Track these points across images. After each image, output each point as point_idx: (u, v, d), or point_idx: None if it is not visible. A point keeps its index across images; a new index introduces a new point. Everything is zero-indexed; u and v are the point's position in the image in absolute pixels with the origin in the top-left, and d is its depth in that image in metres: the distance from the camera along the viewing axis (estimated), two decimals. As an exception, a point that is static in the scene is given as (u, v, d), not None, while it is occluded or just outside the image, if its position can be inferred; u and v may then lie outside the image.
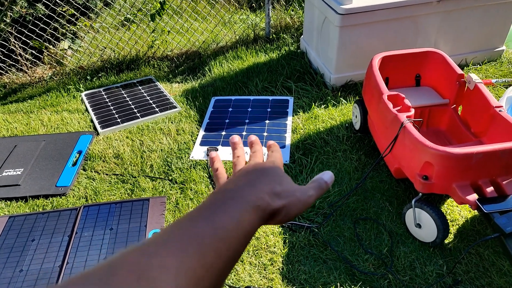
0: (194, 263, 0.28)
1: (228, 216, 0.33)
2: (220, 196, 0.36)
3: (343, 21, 2.23)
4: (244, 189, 0.37)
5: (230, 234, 0.32)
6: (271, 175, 0.40)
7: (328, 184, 0.45)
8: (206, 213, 0.33)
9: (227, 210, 0.34)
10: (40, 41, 3.00)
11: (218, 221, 0.32)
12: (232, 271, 1.53)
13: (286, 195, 0.39)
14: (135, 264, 0.26)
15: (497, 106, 1.63)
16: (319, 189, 0.43)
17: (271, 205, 0.37)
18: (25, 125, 2.53)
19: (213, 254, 0.30)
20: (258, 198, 0.36)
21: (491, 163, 1.40)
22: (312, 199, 0.41)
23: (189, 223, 0.32)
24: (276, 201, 0.37)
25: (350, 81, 2.52)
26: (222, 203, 0.35)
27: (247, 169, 0.42)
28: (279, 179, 0.40)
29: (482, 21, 2.48)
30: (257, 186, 0.38)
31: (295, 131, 2.23)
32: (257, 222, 0.35)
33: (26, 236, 1.74)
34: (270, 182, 0.39)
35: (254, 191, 0.37)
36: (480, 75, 2.56)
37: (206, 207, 0.34)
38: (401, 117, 1.59)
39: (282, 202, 0.38)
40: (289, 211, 0.39)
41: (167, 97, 2.67)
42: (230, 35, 3.33)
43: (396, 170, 1.70)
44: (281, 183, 0.40)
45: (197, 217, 0.33)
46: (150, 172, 2.06)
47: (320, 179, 0.44)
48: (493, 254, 1.53)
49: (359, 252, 1.59)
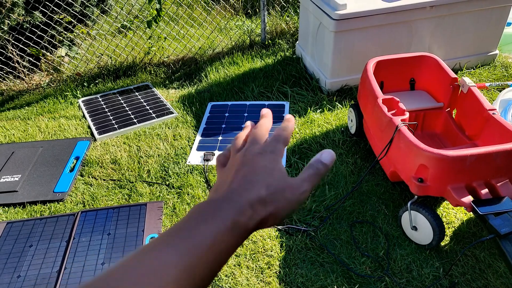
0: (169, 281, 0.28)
1: (199, 240, 0.31)
2: (195, 216, 0.34)
3: (337, 27, 2.26)
4: (222, 205, 0.34)
5: (201, 260, 0.31)
6: (260, 175, 0.37)
7: (328, 166, 0.39)
8: (177, 238, 0.32)
9: (199, 234, 0.32)
10: (37, 48, 3.02)
11: (187, 249, 0.31)
12: (229, 275, 1.54)
13: (274, 200, 0.36)
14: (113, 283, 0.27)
15: (491, 109, 1.65)
16: (316, 176, 0.38)
17: (255, 217, 0.34)
18: (22, 131, 2.54)
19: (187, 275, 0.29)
20: (239, 212, 0.34)
21: (485, 165, 1.42)
22: (306, 195, 0.37)
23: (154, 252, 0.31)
24: (260, 211, 0.35)
25: (346, 85, 2.55)
26: (194, 225, 0.33)
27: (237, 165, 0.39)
28: (268, 179, 0.37)
29: (475, 26, 2.51)
30: (241, 195, 0.35)
31: (291, 136, 2.24)
32: (237, 239, 0.33)
33: (24, 242, 1.74)
34: (257, 185, 0.36)
35: (235, 204, 0.34)
36: (474, 79, 2.59)
37: (178, 229, 0.33)
38: (396, 120, 1.60)
39: (269, 210, 0.35)
40: (278, 216, 0.36)
41: (164, 103, 2.68)
42: (226, 41, 3.36)
43: (391, 173, 1.71)
44: (269, 184, 0.36)
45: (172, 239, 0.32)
46: (147, 177, 2.07)
47: (318, 161, 0.39)
48: (489, 256, 1.55)
49: (355, 255, 1.60)
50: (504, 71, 2.63)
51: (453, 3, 2.35)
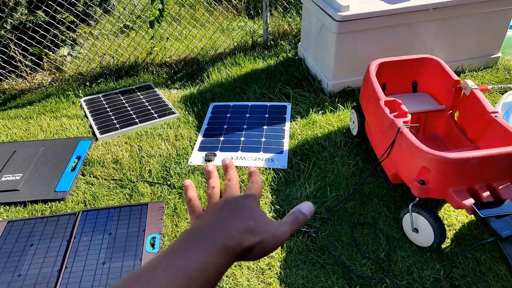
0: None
1: (191, 262, 0.33)
2: (188, 237, 0.36)
3: (340, 28, 2.26)
4: (214, 228, 0.36)
5: (193, 281, 0.32)
6: (245, 211, 0.40)
7: (306, 216, 0.43)
8: (169, 259, 0.33)
9: (191, 257, 0.33)
10: (39, 47, 3.02)
11: (180, 269, 0.32)
12: (230, 275, 1.54)
13: (260, 232, 0.38)
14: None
15: (493, 111, 1.64)
16: (296, 223, 0.42)
17: (243, 243, 0.36)
18: (24, 130, 2.54)
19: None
20: (228, 237, 0.36)
21: (487, 168, 1.42)
22: (286, 235, 0.40)
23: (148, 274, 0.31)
24: (249, 239, 0.37)
25: (348, 87, 2.54)
26: (187, 248, 0.34)
27: (221, 204, 0.42)
28: (253, 214, 0.39)
29: (478, 28, 2.51)
30: (229, 223, 0.37)
31: (293, 137, 2.25)
32: (226, 263, 0.35)
33: (25, 241, 1.75)
34: (243, 218, 0.38)
35: (224, 230, 0.36)
36: (476, 81, 2.59)
37: (170, 253, 0.34)
38: (398, 122, 1.60)
39: (256, 239, 0.37)
40: (264, 248, 0.38)
41: (166, 103, 2.68)
42: (228, 41, 3.36)
43: (393, 175, 1.71)
44: (255, 218, 0.39)
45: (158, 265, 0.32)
46: (149, 177, 2.07)
47: (298, 211, 0.43)
48: (490, 259, 1.54)
49: (356, 256, 1.60)
50: (507, 74, 2.63)
51: (456, 6, 2.35)
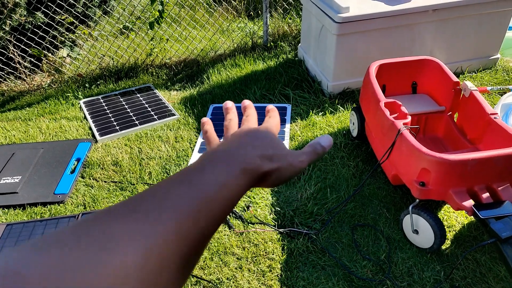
0: (167, 229, 0.27)
1: (213, 179, 0.32)
2: (208, 158, 0.35)
3: (340, 29, 2.26)
4: (234, 152, 0.37)
5: (213, 198, 0.31)
6: (263, 139, 0.40)
7: (325, 148, 0.43)
8: (190, 176, 0.32)
9: (213, 173, 0.33)
10: (39, 49, 3.02)
11: (201, 185, 0.31)
12: (230, 278, 1.54)
13: (278, 159, 0.38)
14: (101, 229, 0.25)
15: (492, 113, 1.65)
16: (314, 154, 0.42)
17: (262, 167, 0.36)
18: (23, 132, 2.54)
19: (191, 221, 0.28)
20: (247, 160, 0.36)
21: (487, 170, 1.42)
22: (304, 164, 0.41)
23: (169, 185, 0.31)
24: (267, 164, 0.37)
25: (348, 88, 2.55)
26: (209, 165, 0.34)
27: (239, 133, 0.42)
28: (271, 143, 0.40)
29: (477, 30, 2.52)
30: (248, 149, 0.37)
31: (293, 138, 2.25)
32: (245, 185, 0.35)
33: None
34: (262, 145, 0.39)
35: (244, 154, 0.36)
36: (476, 82, 2.59)
37: (192, 169, 0.33)
38: (398, 124, 1.60)
39: (274, 165, 0.38)
40: (281, 175, 0.38)
41: (166, 104, 2.68)
42: (228, 43, 3.36)
43: (393, 177, 1.71)
44: (273, 146, 0.39)
45: (180, 180, 0.31)
46: (149, 179, 2.07)
47: (317, 143, 0.43)
48: (490, 260, 1.54)
49: (357, 258, 1.60)
50: (506, 75, 2.63)
51: (455, 7, 2.35)
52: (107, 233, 0.24)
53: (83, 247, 0.23)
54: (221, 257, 1.64)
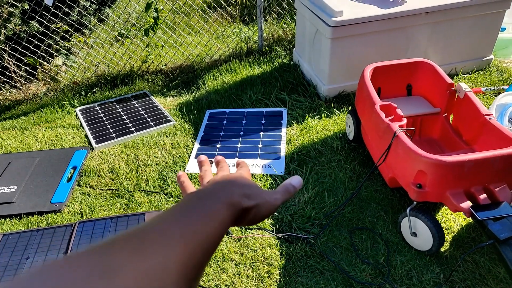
0: (180, 251, 0.30)
1: (206, 211, 0.35)
2: (195, 197, 0.38)
3: (334, 33, 2.27)
4: (218, 191, 0.40)
5: (209, 227, 0.34)
6: (240, 182, 0.43)
7: (296, 188, 0.47)
8: (185, 209, 0.35)
9: (204, 206, 0.36)
10: (34, 57, 3.02)
11: (197, 216, 0.34)
12: (229, 284, 1.53)
13: (255, 197, 0.42)
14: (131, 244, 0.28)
15: (487, 114, 1.65)
16: (286, 193, 0.46)
17: (242, 204, 0.39)
18: (19, 141, 2.53)
19: (196, 244, 0.32)
20: (230, 197, 0.39)
21: (483, 171, 1.42)
22: (278, 202, 0.44)
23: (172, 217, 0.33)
24: (246, 201, 0.40)
25: (343, 91, 2.55)
26: (198, 201, 0.37)
27: (216, 179, 0.46)
28: (247, 184, 0.43)
29: (470, 31, 2.53)
30: (228, 190, 0.41)
31: (289, 142, 2.25)
32: (230, 218, 0.38)
33: (21, 254, 1.73)
34: (239, 186, 0.42)
35: (225, 193, 0.40)
36: (470, 84, 2.61)
37: (183, 205, 0.36)
38: (393, 126, 1.61)
39: (252, 202, 0.41)
40: (259, 211, 0.42)
41: (162, 111, 2.68)
42: (223, 48, 3.37)
43: (390, 179, 1.71)
44: (250, 187, 0.43)
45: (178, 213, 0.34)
46: (146, 186, 2.06)
47: (288, 183, 0.48)
48: (489, 261, 1.54)
49: (356, 262, 1.59)
50: (500, 75, 2.65)
51: (448, 9, 2.37)
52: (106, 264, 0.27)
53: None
54: (219, 263, 1.63)
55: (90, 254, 0.27)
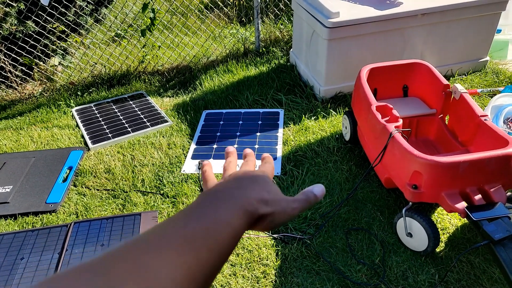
0: (189, 259, 0.29)
1: (218, 216, 0.34)
2: (210, 197, 0.37)
3: (331, 34, 2.28)
4: (234, 192, 0.38)
5: (220, 234, 0.33)
6: (260, 183, 0.42)
7: (317, 197, 0.45)
8: (197, 213, 0.34)
9: (218, 211, 0.35)
10: (30, 57, 3.00)
11: (209, 221, 0.33)
12: (224, 285, 1.52)
13: (273, 204, 0.40)
14: (133, 256, 0.27)
15: (482, 115, 1.66)
16: (306, 202, 0.44)
17: (259, 210, 0.38)
18: (14, 141, 2.52)
19: (206, 252, 0.31)
20: (247, 202, 0.37)
21: (478, 171, 1.43)
22: (296, 212, 0.42)
23: (182, 222, 0.32)
24: (263, 208, 0.39)
25: (340, 92, 2.56)
26: (212, 204, 0.36)
27: (237, 175, 0.44)
28: (267, 188, 0.41)
29: (466, 33, 2.54)
30: (247, 191, 0.39)
31: (286, 143, 2.25)
32: (244, 225, 0.36)
33: (15, 254, 1.72)
34: (259, 189, 0.40)
35: (243, 195, 0.38)
36: (466, 85, 2.62)
37: (197, 207, 0.35)
38: (389, 127, 1.61)
39: (269, 209, 0.39)
40: (274, 219, 0.40)
41: (158, 111, 2.67)
42: (220, 49, 3.37)
43: (386, 180, 1.71)
44: (269, 191, 0.41)
45: (189, 216, 0.33)
46: (142, 186, 2.05)
47: (310, 192, 0.45)
48: (484, 262, 1.55)
49: (351, 262, 1.59)
50: (495, 77, 2.66)
51: (445, 11, 2.38)
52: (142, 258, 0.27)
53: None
54: (215, 264, 1.62)
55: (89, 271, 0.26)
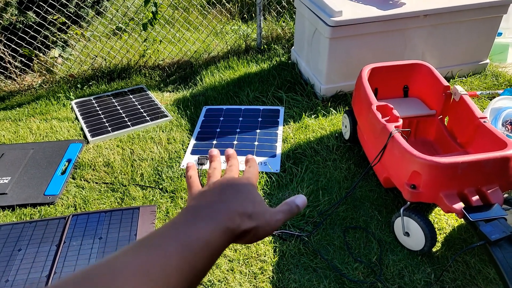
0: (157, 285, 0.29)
1: (196, 236, 0.34)
2: (191, 214, 0.37)
3: (333, 33, 2.28)
4: (216, 208, 0.38)
5: (197, 255, 0.33)
6: (244, 194, 0.42)
7: (300, 208, 0.45)
8: (176, 232, 0.34)
9: (197, 230, 0.35)
10: (30, 48, 2.99)
11: (186, 242, 0.33)
12: (222, 280, 1.53)
13: (257, 217, 0.40)
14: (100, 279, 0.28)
15: (482, 117, 1.67)
16: (289, 213, 0.44)
17: (241, 227, 0.38)
18: (13, 133, 2.51)
19: (177, 276, 0.31)
20: (229, 218, 0.37)
21: (476, 173, 1.44)
22: (279, 223, 0.42)
23: (157, 241, 0.33)
24: (246, 223, 0.39)
25: (340, 91, 2.56)
26: (192, 222, 0.36)
27: (221, 184, 0.43)
28: (252, 198, 0.41)
29: (467, 35, 2.55)
30: (230, 205, 0.39)
31: (285, 141, 2.25)
32: (225, 243, 0.37)
33: (13, 245, 1.72)
34: (243, 201, 0.40)
35: (226, 210, 0.38)
36: (465, 87, 2.63)
37: (176, 225, 0.35)
38: (389, 127, 1.62)
39: (252, 224, 0.39)
40: (258, 233, 0.40)
41: (158, 106, 2.67)
42: (221, 45, 3.36)
43: (385, 180, 1.72)
44: (253, 203, 0.41)
45: (165, 235, 0.33)
46: (141, 180, 2.05)
47: (292, 202, 0.45)
48: (479, 262, 1.56)
49: (348, 260, 1.60)
50: (495, 80, 2.67)
51: (446, 13, 2.38)
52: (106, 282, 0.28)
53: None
54: (213, 259, 1.63)
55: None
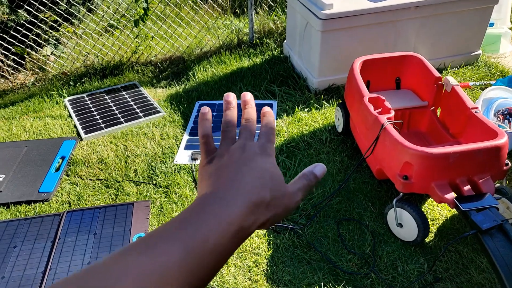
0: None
1: (202, 239, 0.31)
2: (201, 208, 0.33)
3: (324, 26, 2.28)
4: (229, 201, 0.34)
5: (203, 260, 0.30)
6: (261, 176, 0.37)
7: (318, 178, 0.41)
8: (180, 232, 0.31)
9: (204, 232, 0.31)
10: (22, 47, 2.97)
11: (190, 247, 0.30)
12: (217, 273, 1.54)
13: (275, 204, 0.36)
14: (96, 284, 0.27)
15: (473, 107, 1.68)
16: (308, 187, 0.40)
17: (256, 222, 0.35)
18: (6, 131, 2.50)
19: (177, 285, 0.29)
20: (244, 214, 0.33)
21: (468, 162, 1.45)
22: (297, 204, 0.39)
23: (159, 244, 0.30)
24: (262, 215, 0.35)
25: (333, 84, 2.57)
26: (200, 221, 0.32)
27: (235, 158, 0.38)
28: (269, 182, 0.37)
29: (459, 26, 2.56)
30: (245, 196, 0.35)
31: (279, 134, 2.25)
32: (236, 245, 0.33)
33: (8, 242, 1.72)
34: (260, 185, 0.36)
35: (240, 206, 0.34)
36: (458, 78, 2.64)
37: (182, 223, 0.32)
38: (381, 119, 1.62)
39: (269, 214, 0.36)
40: (274, 221, 0.37)
41: (151, 102, 2.66)
42: (214, 40, 3.35)
43: (378, 171, 1.73)
44: (271, 186, 0.36)
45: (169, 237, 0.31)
46: (134, 176, 2.05)
47: (311, 174, 0.41)
48: (472, 252, 1.58)
49: (342, 252, 1.62)
50: (487, 70, 2.68)
51: (437, 4, 2.39)
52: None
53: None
54: (208, 253, 1.63)
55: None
